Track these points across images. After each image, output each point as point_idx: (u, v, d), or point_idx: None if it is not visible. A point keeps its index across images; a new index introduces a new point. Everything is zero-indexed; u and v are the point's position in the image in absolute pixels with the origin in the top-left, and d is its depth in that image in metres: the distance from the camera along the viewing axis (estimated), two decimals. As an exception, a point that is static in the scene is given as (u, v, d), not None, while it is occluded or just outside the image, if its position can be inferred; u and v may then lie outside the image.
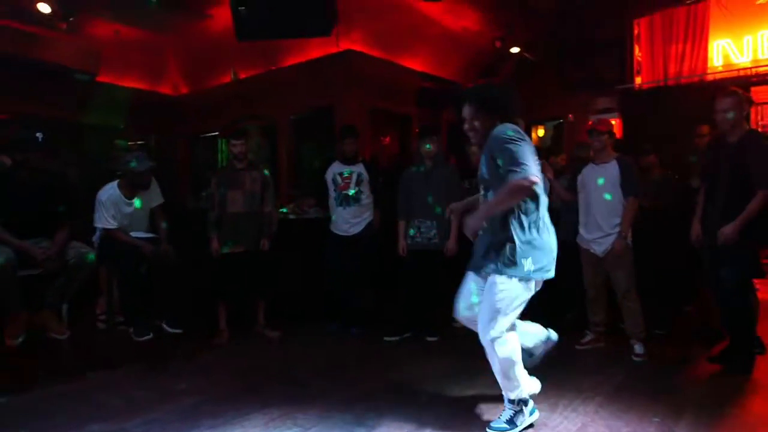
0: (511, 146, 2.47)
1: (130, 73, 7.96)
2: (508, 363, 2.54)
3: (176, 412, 2.92)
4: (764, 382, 3.29)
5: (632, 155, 4.29)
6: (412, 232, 4.30)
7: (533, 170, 2.47)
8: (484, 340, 2.56)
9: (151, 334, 3.96)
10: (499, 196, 2.52)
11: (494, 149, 2.55)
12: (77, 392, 3.28)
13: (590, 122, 4.04)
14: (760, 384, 3.27)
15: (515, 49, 7.90)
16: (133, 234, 4.20)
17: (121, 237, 4.10)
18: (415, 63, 7.35)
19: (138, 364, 3.78)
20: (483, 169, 2.68)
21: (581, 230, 3.95)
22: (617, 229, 3.74)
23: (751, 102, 3.64)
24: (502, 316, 2.52)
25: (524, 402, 2.61)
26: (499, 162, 2.52)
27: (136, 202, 4.21)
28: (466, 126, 2.71)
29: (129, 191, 4.21)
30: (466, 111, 2.69)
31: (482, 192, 2.74)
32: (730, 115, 3.34)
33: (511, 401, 2.59)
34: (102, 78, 7.21)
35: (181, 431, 2.67)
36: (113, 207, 4.11)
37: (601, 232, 3.80)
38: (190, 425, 2.73)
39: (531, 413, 2.65)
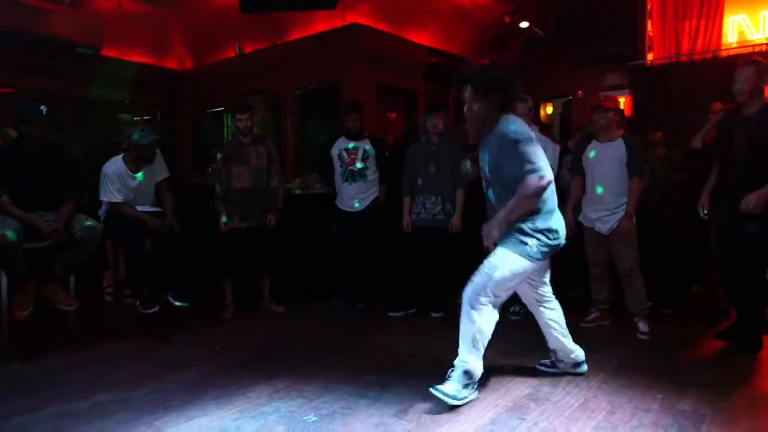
0: (519, 148, 2.49)
1: (135, 48, 7.90)
2: (482, 334, 2.63)
3: (182, 382, 2.95)
4: (764, 358, 3.29)
5: (641, 133, 4.23)
6: (417, 207, 4.28)
7: (545, 169, 2.50)
8: (470, 301, 2.63)
9: (158, 307, 3.98)
10: (517, 201, 2.54)
11: (501, 150, 2.56)
12: (84, 363, 3.33)
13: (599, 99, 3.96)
14: (764, 362, 3.26)
15: (524, 24, 7.76)
16: (139, 208, 4.21)
17: (126, 210, 4.11)
18: (422, 38, 7.24)
19: (144, 337, 3.83)
20: (486, 168, 2.74)
21: (585, 209, 3.91)
22: (622, 208, 3.70)
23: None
24: (496, 287, 2.59)
25: (475, 379, 2.65)
26: (507, 164, 2.55)
27: (139, 176, 4.20)
28: (465, 108, 2.69)
29: (134, 165, 4.20)
30: (466, 93, 2.65)
31: (485, 189, 2.80)
32: (749, 84, 3.26)
33: (466, 372, 2.62)
34: (106, 52, 7.15)
35: (187, 401, 2.70)
36: (118, 180, 4.11)
37: (606, 211, 3.75)
38: (195, 395, 2.76)
39: (474, 391, 2.67)
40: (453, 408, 2.56)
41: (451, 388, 2.57)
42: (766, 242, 3.32)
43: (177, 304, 4.07)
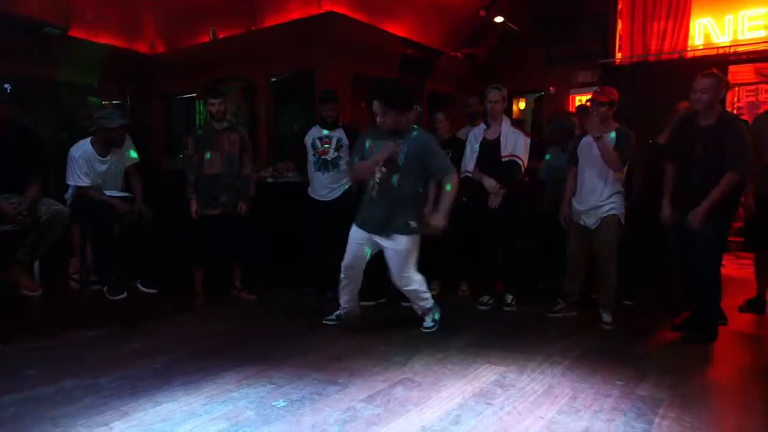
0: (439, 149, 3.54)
1: (104, 29, 7.67)
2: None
3: (149, 369, 2.93)
4: (723, 350, 3.45)
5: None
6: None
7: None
8: (401, 281, 3.62)
9: (125, 294, 3.93)
10: (451, 194, 3.44)
11: (428, 150, 3.48)
12: (50, 349, 3.28)
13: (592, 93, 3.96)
14: (720, 352, 3.42)
15: (499, 19, 7.83)
16: (107, 192, 4.13)
17: (94, 195, 4.03)
18: (398, 29, 7.23)
19: (112, 323, 3.77)
20: (402, 159, 3.40)
21: (574, 202, 3.96)
22: (609, 201, 3.76)
23: (728, 86, 3.68)
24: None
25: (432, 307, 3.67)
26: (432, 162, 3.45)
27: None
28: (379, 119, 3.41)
29: (102, 148, 4.11)
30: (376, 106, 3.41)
31: (387, 174, 3.41)
32: (707, 95, 3.36)
33: (428, 309, 3.66)
34: (74, 33, 6.94)
35: (155, 387, 2.69)
36: (86, 164, 4.02)
37: (592, 203, 3.82)
38: (162, 382, 2.75)
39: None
40: (423, 391, 2.62)
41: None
42: (718, 240, 3.49)
43: (145, 290, 4.02)
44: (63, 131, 5.59)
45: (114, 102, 7.92)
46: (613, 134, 3.75)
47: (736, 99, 8.13)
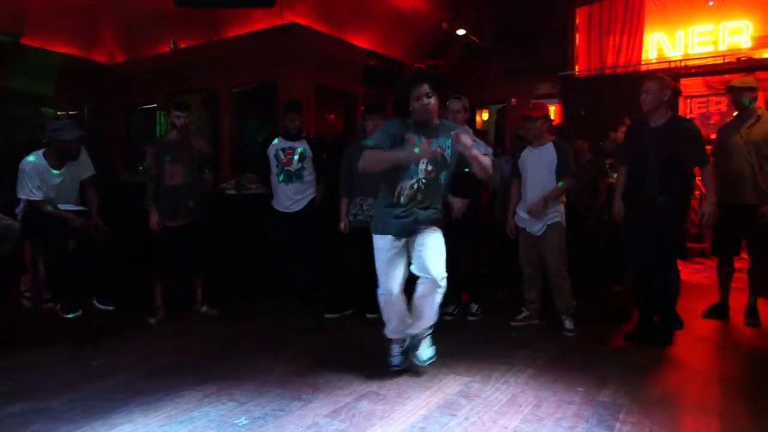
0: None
1: (60, 38, 7.47)
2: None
3: (105, 390, 2.82)
4: (680, 353, 3.54)
5: (570, 140, 4.45)
6: (354, 210, 4.29)
7: None
8: (442, 281, 2.85)
9: (81, 311, 3.79)
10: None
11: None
12: (-2, 371, 3.12)
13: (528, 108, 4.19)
14: (677, 356, 3.51)
15: (461, 32, 7.96)
16: (61, 206, 3.99)
17: (46, 209, 3.89)
18: (361, 40, 7.27)
19: (66, 343, 3.62)
20: (449, 153, 2.93)
21: (519, 211, 4.06)
22: (552, 210, 3.88)
23: (678, 91, 3.86)
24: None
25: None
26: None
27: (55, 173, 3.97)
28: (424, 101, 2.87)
29: (56, 161, 3.98)
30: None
31: (434, 172, 2.93)
32: (652, 96, 3.54)
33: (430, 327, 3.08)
34: (28, 41, 6.72)
35: (110, 409, 2.58)
36: (38, 177, 3.88)
37: (537, 213, 3.92)
38: (119, 403, 2.65)
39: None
40: (387, 404, 2.59)
41: (428, 352, 3.07)
42: (671, 239, 3.63)
43: (102, 307, 3.89)
44: (15, 143, 5.39)
45: (70, 113, 7.70)
46: (550, 146, 3.91)
47: (688, 110, 8.46)
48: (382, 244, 2.98)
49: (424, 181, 2.92)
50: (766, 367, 3.34)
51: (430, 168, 2.91)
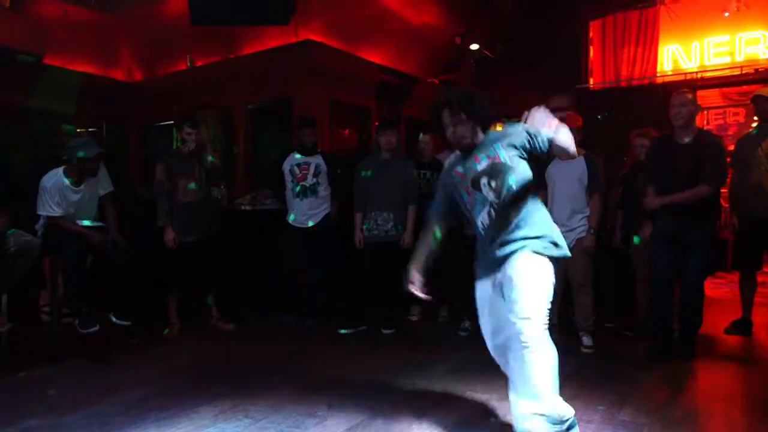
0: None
1: (80, 57, 7.63)
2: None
3: (121, 405, 2.83)
4: (702, 371, 3.45)
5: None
6: (368, 224, 4.29)
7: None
8: (523, 326, 2.23)
9: (98, 326, 3.81)
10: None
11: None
12: (16, 386, 3.16)
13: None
14: (699, 373, 3.43)
15: (475, 47, 7.98)
16: (80, 222, 4.04)
17: (66, 225, 3.94)
18: (375, 56, 7.33)
19: (83, 357, 3.65)
20: (503, 157, 2.31)
21: None
22: (581, 224, 3.81)
23: (698, 107, 3.79)
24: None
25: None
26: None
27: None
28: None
29: (76, 178, 4.03)
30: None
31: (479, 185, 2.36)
32: (687, 109, 3.44)
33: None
34: (50, 60, 6.88)
35: (125, 424, 2.59)
36: (58, 194, 3.93)
37: (564, 227, 3.84)
38: (135, 418, 2.65)
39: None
40: (403, 423, 2.56)
41: None
42: (711, 255, 3.53)
43: (119, 322, 3.91)
44: (36, 160, 5.49)
45: (89, 130, 7.83)
46: (581, 159, 3.81)
47: (705, 122, 8.37)
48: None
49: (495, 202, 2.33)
50: (791, 385, 3.25)
51: (493, 184, 2.32)
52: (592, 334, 3.86)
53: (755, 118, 4.40)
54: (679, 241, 3.50)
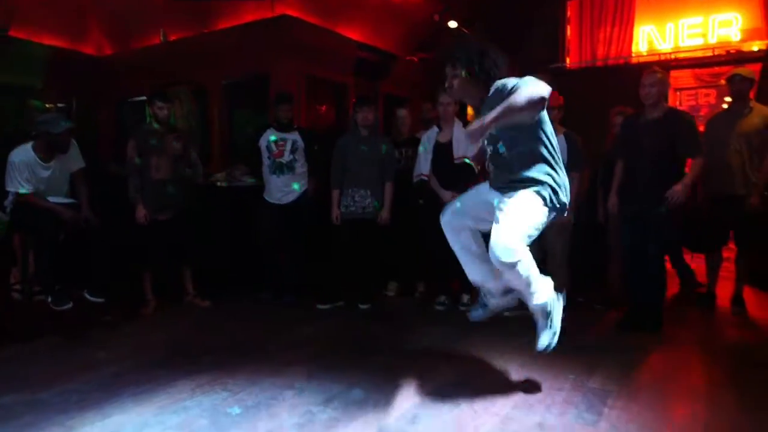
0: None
1: (47, 30, 7.38)
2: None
3: (97, 381, 2.82)
4: (668, 341, 3.58)
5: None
6: (345, 201, 4.30)
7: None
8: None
9: (71, 304, 3.77)
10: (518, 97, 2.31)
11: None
12: (-12, 364, 3.11)
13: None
14: (665, 343, 3.54)
15: (453, 24, 7.95)
16: (51, 199, 3.96)
17: (36, 202, 3.86)
18: (352, 32, 7.24)
19: (57, 335, 3.62)
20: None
21: None
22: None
23: (668, 86, 3.87)
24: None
25: (551, 303, 2.66)
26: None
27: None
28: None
29: (45, 154, 3.94)
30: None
31: (493, 147, 2.58)
32: (657, 89, 3.54)
33: (545, 313, 2.66)
34: (15, 33, 6.65)
35: (102, 400, 2.58)
36: (27, 170, 3.85)
37: None
38: (111, 393, 2.65)
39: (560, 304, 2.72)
40: (380, 393, 2.61)
41: (544, 340, 2.58)
42: (671, 226, 3.64)
43: (93, 299, 3.87)
44: (2, 136, 5.33)
45: (59, 105, 7.62)
46: (561, 138, 3.86)
47: (678, 102, 8.51)
48: None
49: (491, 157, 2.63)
50: (751, 353, 3.39)
51: (489, 147, 2.61)
52: (564, 308, 3.94)
53: (726, 99, 4.50)
54: (643, 217, 3.60)
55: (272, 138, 4.46)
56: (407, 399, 2.59)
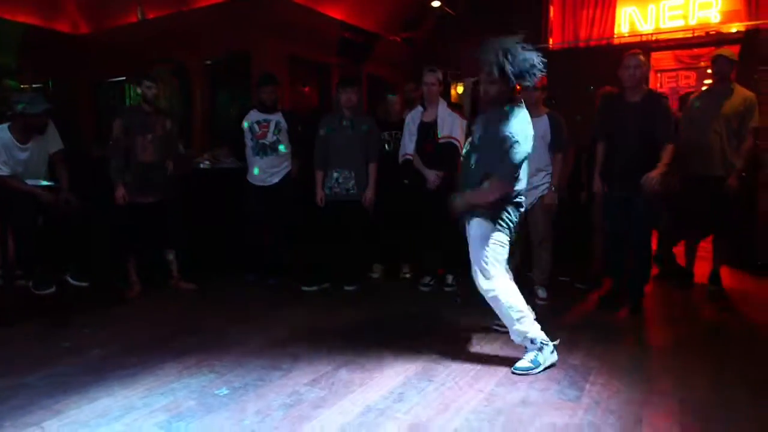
0: (508, 146, 2.62)
1: (20, 7, 7.16)
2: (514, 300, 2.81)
3: (82, 365, 2.81)
4: (648, 319, 3.68)
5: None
6: (329, 182, 4.29)
7: (514, 177, 2.72)
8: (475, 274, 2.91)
9: (54, 288, 3.74)
10: (479, 192, 2.73)
11: (494, 135, 2.67)
12: (-30, 349, 3.08)
13: None
14: (645, 321, 3.64)
15: (436, 3, 7.89)
16: (30, 182, 3.90)
17: (14, 184, 3.79)
18: (336, 12, 7.15)
19: (39, 319, 3.58)
20: (477, 136, 2.84)
21: None
22: (544, 182, 3.90)
23: (649, 68, 3.91)
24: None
25: (538, 342, 2.74)
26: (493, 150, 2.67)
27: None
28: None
29: (22, 135, 3.87)
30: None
31: (467, 151, 2.91)
32: (640, 71, 3.56)
33: (530, 341, 2.75)
34: (-14, 10, 6.46)
35: (88, 383, 2.58)
36: (4, 152, 3.78)
37: (528, 185, 3.93)
38: (97, 377, 2.65)
39: (552, 352, 2.78)
40: (366, 372, 2.65)
41: (523, 362, 2.71)
42: (653, 211, 3.70)
43: (76, 284, 3.84)
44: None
45: (34, 85, 7.44)
46: (545, 118, 3.88)
47: (659, 84, 8.59)
48: None
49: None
50: (727, 332, 3.49)
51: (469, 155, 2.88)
52: (547, 287, 4.02)
53: (706, 81, 4.54)
54: (628, 200, 3.65)
55: (255, 119, 4.41)
56: (393, 378, 2.63)
